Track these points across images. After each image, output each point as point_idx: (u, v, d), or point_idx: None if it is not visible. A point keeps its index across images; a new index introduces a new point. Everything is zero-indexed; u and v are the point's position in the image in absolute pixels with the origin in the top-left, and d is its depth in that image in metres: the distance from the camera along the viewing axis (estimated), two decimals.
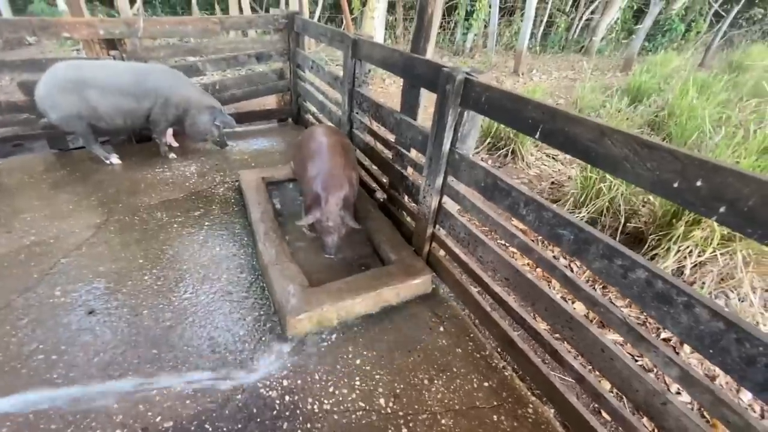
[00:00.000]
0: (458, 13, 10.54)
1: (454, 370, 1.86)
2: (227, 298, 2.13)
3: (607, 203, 3.08)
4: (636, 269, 1.21)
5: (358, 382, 1.76)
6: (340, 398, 1.69)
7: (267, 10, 10.81)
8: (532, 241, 1.71)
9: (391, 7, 10.19)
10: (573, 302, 2.47)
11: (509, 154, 4.30)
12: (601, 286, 2.70)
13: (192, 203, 2.91)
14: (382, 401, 1.69)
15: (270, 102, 4.93)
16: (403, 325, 2.07)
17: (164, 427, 1.52)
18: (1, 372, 1.67)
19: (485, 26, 11.12)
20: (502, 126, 4.32)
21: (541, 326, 1.71)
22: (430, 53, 2.53)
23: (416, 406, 1.69)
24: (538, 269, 2.75)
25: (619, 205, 3.04)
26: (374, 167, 3.06)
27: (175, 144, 3.59)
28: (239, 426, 1.55)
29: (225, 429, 1.53)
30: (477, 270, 1.99)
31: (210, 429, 1.53)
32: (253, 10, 10.59)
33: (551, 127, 1.37)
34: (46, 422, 1.50)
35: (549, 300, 1.57)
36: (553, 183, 3.97)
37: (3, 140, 3.43)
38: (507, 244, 2.96)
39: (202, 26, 3.62)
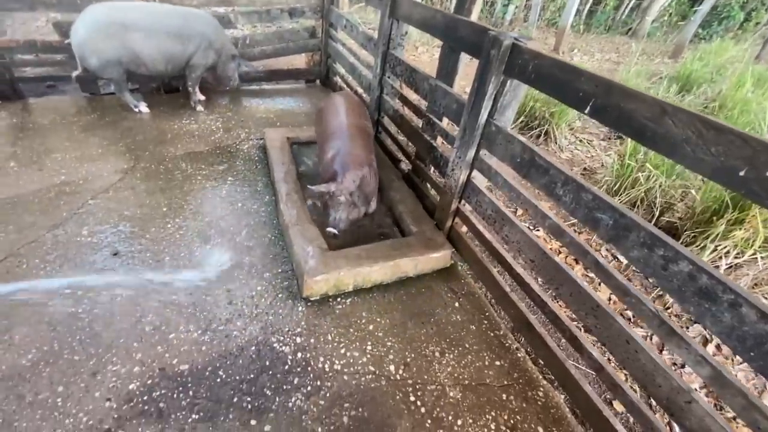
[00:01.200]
0: None
1: (467, 346, 1.85)
2: (246, 252, 2.14)
3: (642, 194, 2.93)
4: (679, 261, 1.14)
5: (369, 347, 1.77)
6: (351, 360, 1.70)
7: None
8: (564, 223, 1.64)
9: None
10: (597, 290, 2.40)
11: (542, 135, 4.11)
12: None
13: (216, 157, 2.90)
14: (392, 368, 1.70)
15: (299, 61, 4.81)
16: (418, 297, 2.05)
17: (180, 370, 1.57)
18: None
19: None
20: (538, 105, 4.12)
21: (563, 312, 1.65)
22: (475, 16, 2.37)
23: (425, 377, 1.69)
24: (560, 254, 2.66)
25: (655, 197, 2.89)
26: (401, 136, 2.97)
27: (202, 97, 3.55)
28: (251, 376, 1.58)
29: (238, 378, 1.57)
30: (500, 249, 1.93)
31: (224, 376, 1.57)
32: None
33: (604, 102, 1.26)
34: (68, 347, 1.56)
35: (575, 286, 1.51)
36: (585, 169, 3.80)
37: (37, 80, 3.47)
38: (534, 225, 2.90)
39: None
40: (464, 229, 2.22)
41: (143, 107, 3.33)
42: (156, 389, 1.49)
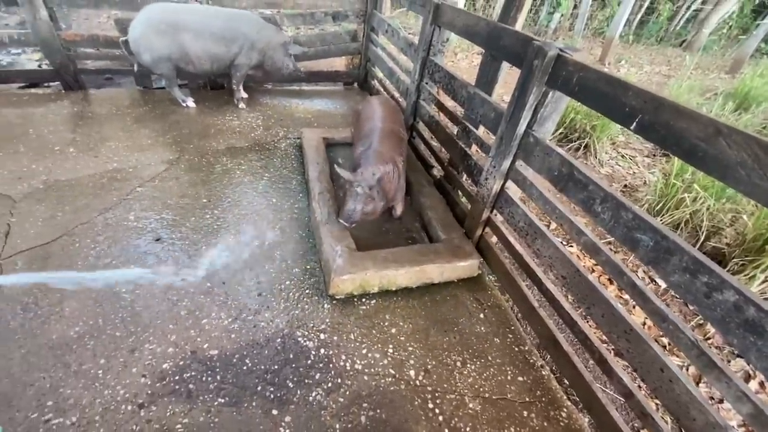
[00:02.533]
0: None
1: (489, 358, 1.82)
2: (278, 247, 2.21)
3: (687, 216, 2.78)
4: (724, 290, 1.08)
5: (391, 350, 1.78)
6: (372, 361, 1.72)
7: None
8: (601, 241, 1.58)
9: None
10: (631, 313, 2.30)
11: (581, 148, 3.99)
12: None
13: (255, 153, 3.01)
14: (412, 373, 1.70)
15: (338, 64, 4.91)
16: (442, 305, 2.04)
17: (210, 354, 1.64)
18: (79, 275, 1.87)
19: (575, 7, 10.18)
20: (579, 117, 4.00)
21: (593, 332, 1.60)
22: (520, 25, 2.34)
23: (445, 385, 1.68)
24: (594, 272, 2.57)
25: (702, 221, 2.73)
26: (435, 142, 2.97)
27: (245, 95, 3.69)
28: (276, 367, 1.63)
29: (263, 367, 1.62)
30: (531, 262, 1.89)
31: (249, 364, 1.63)
32: None
33: (652, 119, 1.21)
34: (111, 324, 1.67)
35: (608, 306, 1.46)
36: (626, 186, 3.65)
37: (97, 72, 3.73)
38: (567, 241, 2.82)
39: None
40: (494, 239, 2.19)
41: (190, 102, 3.51)
42: (187, 371, 1.57)
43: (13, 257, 1.93)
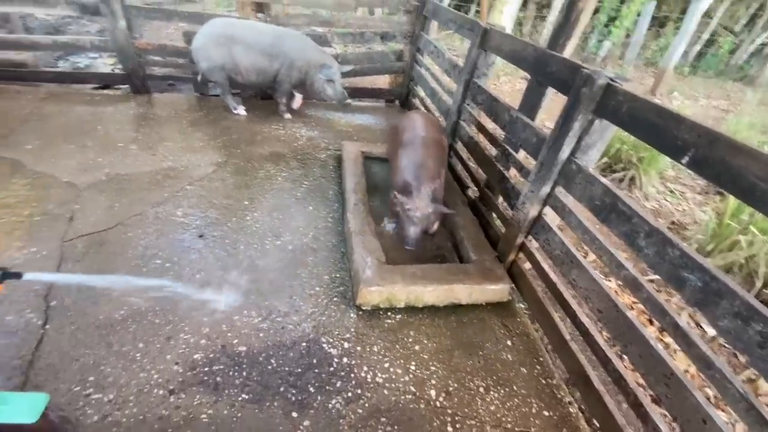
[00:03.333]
0: (598, 17, 9.56)
1: (514, 388, 1.76)
2: (310, 253, 2.27)
3: (742, 260, 2.59)
4: None
5: (413, 367, 1.76)
6: (394, 376, 1.71)
7: None
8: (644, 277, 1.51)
9: (524, 4, 9.63)
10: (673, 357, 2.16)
11: (626, 179, 3.84)
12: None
13: (296, 161, 3.13)
14: (432, 393, 1.68)
15: (382, 81, 5.05)
16: (468, 327, 2.01)
17: (238, 350, 1.70)
18: (129, 263, 2.01)
19: (627, 35, 9.94)
20: (625, 147, 3.87)
21: (629, 373, 1.52)
22: (569, 53, 2.33)
23: (466, 410, 1.64)
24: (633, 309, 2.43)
25: (758, 266, 2.53)
26: (472, 163, 2.97)
27: (295, 106, 3.86)
28: (299, 370, 1.66)
29: (287, 369, 1.66)
30: (565, 293, 1.83)
31: (274, 364, 1.67)
32: None
33: (706, 154, 1.17)
34: (152, 311, 1.78)
35: (647, 347, 1.39)
36: (673, 223, 3.46)
37: (162, 78, 4.05)
38: (606, 274, 2.70)
39: (338, 0, 3.80)
40: (527, 265, 2.14)
41: (241, 110, 3.72)
42: (216, 363, 1.63)
43: (74, 240, 2.10)
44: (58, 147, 2.86)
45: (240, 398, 1.53)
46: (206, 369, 1.61)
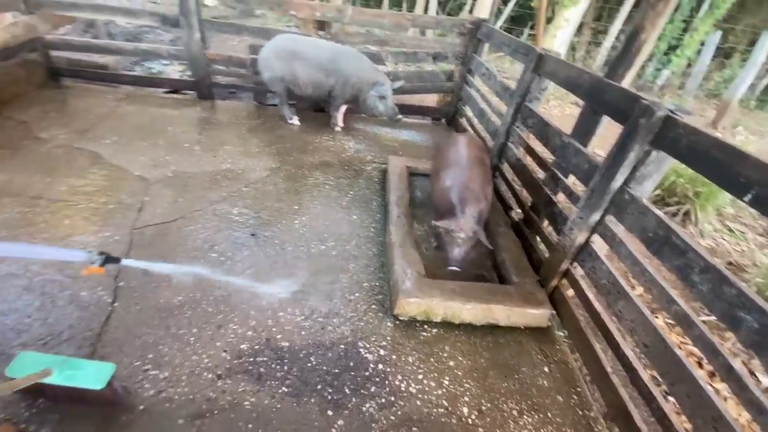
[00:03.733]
0: (658, 45, 9.23)
1: (549, 415, 1.73)
2: (352, 260, 2.35)
3: None
4: None
5: (446, 382, 1.78)
6: (427, 389, 1.73)
7: (448, 14, 11.21)
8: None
9: (578, 29, 9.50)
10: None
11: (680, 214, 3.66)
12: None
13: (343, 172, 3.27)
14: (465, 410, 1.68)
15: (429, 99, 5.15)
16: (505, 349, 2.00)
17: (281, 345, 1.79)
18: (188, 253, 2.19)
19: (688, 65, 9.53)
20: (681, 180, 3.71)
21: (674, 414, 1.46)
22: (628, 83, 2.31)
23: (498, 431, 1.63)
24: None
25: None
26: (517, 184, 2.96)
27: (342, 124, 4.03)
28: (336, 371, 1.73)
29: (324, 368, 1.73)
30: (609, 324, 1.78)
31: (313, 362, 1.74)
32: (436, 12, 11.09)
33: None
34: (206, 300, 1.92)
35: (695, 387, 1.33)
36: (730, 263, 3.26)
37: (224, 86, 4.37)
38: (653, 309, 2.58)
39: (396, 21, 3.97)
40: (570, 292, 2.11)
41: (295, 120, 3.93)
42: (260, 355, 1.73)
43: (142, 229, 2.32)
44: (132, 143, 3.17)
45: (280, 390, 1.61)
46: (251, 359, 1.71)
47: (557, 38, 7.01)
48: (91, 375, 1.40)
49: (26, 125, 3.19)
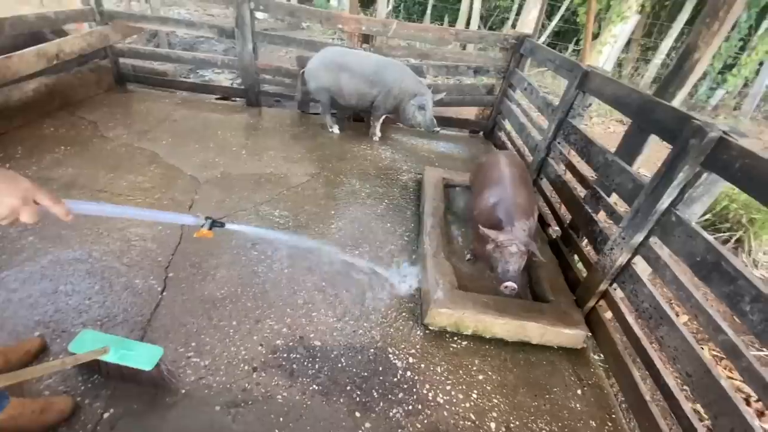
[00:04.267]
0: (712, 64, 8.77)
1: None
2: (385, 267, 2.39)
3: None
4: None
5: (475, 396, 1.77)
6: (455, 400, 1.73)
7: (490, 28, 11.20)
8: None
9: (626, 45, 9.21)
10: None
11: (731, 241, 3.45)
12: None
13: (380, 180, 3.34)
14: (492, 425, 1.66)
15: (467, 112, 5.16)
16: (537, 368, 1.96)
17: (314, 344, 1.85)
18: (232, 250, 2.31)
19: (745, 85, 8.98)
20: (734, 206, 3.50)
21: None
22: (678, 102, 2.24)
23: None
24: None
25: None
26: (556, 201, 2.91)
27: (379, 134, 4.12)
28: (365, 374, 1.76)
29: (354, 370, 1.77)
30: (649, 349, 1.71)
31: (343, 363, 1.79)
32: (477, 26, 11.11)
33: None
34: (246, 295, 2.02)
35: (742, 421, 1.26)
36: None
37: (271, 94, 4.59)
38: (699, 339, 2.45)
39: (439, 35, 4.05)
40: (608, 315, 2.04)
41: (336, 129, 4.07)
42: (294, 352, 1.80)
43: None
44: (185, 145, 3.39)
45: (311, 388, 1.67)
46: (285, 355, 1.78)
47: (603, 54, 6.85)
48: (142, 356, 1.51)
49: (95, 125, 3.50)
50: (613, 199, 2.39)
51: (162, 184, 2.84)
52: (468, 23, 9.87)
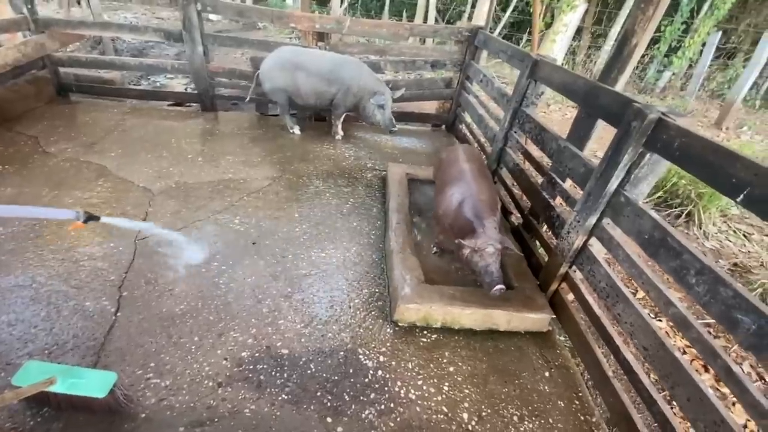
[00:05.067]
0: (658, 48, 9.22)
1: (551, 421, 1.72)
2: (352, 267, 2.37)
3: None
4: None
5: (446, 388, 1.78)
6: (426, 395, 1.73)
7: (447, 21, 11.32)
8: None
9: (578, 33, 9.53)
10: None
11: (683, 216, 3.64)
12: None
13: (344, 180, 3.30)
14: (465, 416, 1.68)
15: (428, 107, 5.18)
16: (506, 355, 1.99)
17: (281, 353, 1.80)
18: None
19: (690, 66, 9.50)
20: (683, 182, 3.69)
21: (676, 418, 1.44)
22: (621, 86, 2.32)
23: None
24: (684, 353, 2.28)
25: None
26: (516, 189, 2.97)
27: (341, 132, 4.07)
28: (336, 378, 1.73)
29: (324, 375, 1.74)
30: (609, 327, 1.78)
31: (313, 369, 1.75)
32: (435, 20, 11.19)
33: (764, 193, 1.14)
34: (207, 308, 1.94)
35: (696, 390, 1.32)
36: (735, 265, 3.22)
37: (227, 98, 4.44)
38: (655, 314, 2.56)
39: (394, 30, 4.03)
40: (570, 297, 2.10)
41: (296, 130, 3.99)
42: (260, 363, 1.74)
43: (146, 239, 2.35)
44: (137, 156, 3.23)
45: (280, 398, 1.63)
46: (251, 367, 1.73)
47: (557, 43, 7.03)
48: (93, 383, 1.42)
49: (35, 140, 3.27)
50: (569, 184, 2.46)
51: (112, 199, 2.69)
52: (426, 18, 9.92)
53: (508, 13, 10.16)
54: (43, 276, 2.04)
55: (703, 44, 8.67)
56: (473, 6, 9.65)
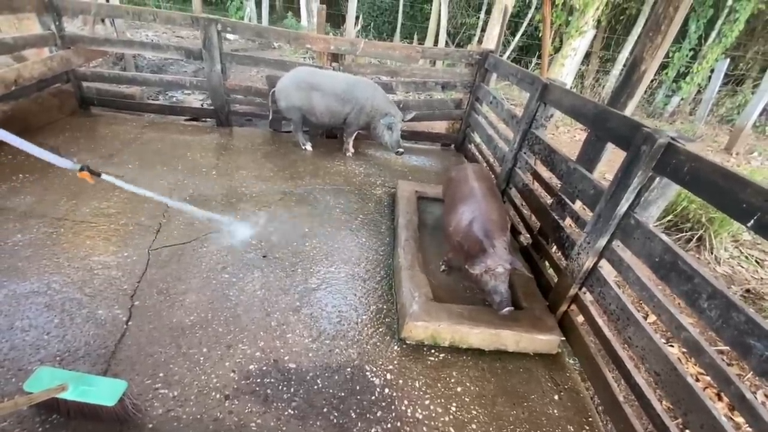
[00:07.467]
0: (667, 73, 9.32)
1: None
2: (360, 283, 2.38)
3: None
4: None
5: (454, 408, 1.76)
6: (434, 415, 1.71)
7: (457, 44, 11.57)
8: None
9: (586, 57, 9.68)
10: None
11: (694, 240, 3.61)
12: None
13: (354, 196, 3.34)
14: None
15: (438, 126, 5.27)
16: (514, 376, 1.97)
17: (288, 366, 1.80)
18: (201, 273, 2.24)
19: (699, 92, 9.55)
20: (693, 206, 3.68)
21: None
22: (630, 111, 2.36)
23: None
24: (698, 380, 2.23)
25: None
26: (525, 209, 2.99)
27: (352, 150, 4.16)
28: (342, 394, 1.72)
29: (331, 391, 1.73)
30: (619, 351, 1.75)
31: (320, 385, 1.75)
32: (445, 43, 11.46)
33: None
34: (217, 320, 1.96)
35: (709, 417, 1.30)
36: (748, 291, 3.17)
37: (242, 114, 4.56)
38: (668, 338, 2.52)
39: (406, 53, 4.14)
40: (580, 319, 2.08)
41: (309, 146, 4.07)
42: (268, 376, 1.75)
43: (159, 249, 2.40)
44: (153, 168, 3.31)
45: (286, 413, 1.62)
46: (258, 380, 1.73)
47: (565, 67, 7.15)
48: (103, 391, 1.44)
49: (56, 150, 3.37)
50: (578, 205, 2.47)
51: (128, 209, 2.75)
52: (436, 40, 10.16)
53: (518, 37, 10.37)
54: (58, 283, 2.08)
55: (712, 70, 8.75)
56: (483, 30, 9.90)
